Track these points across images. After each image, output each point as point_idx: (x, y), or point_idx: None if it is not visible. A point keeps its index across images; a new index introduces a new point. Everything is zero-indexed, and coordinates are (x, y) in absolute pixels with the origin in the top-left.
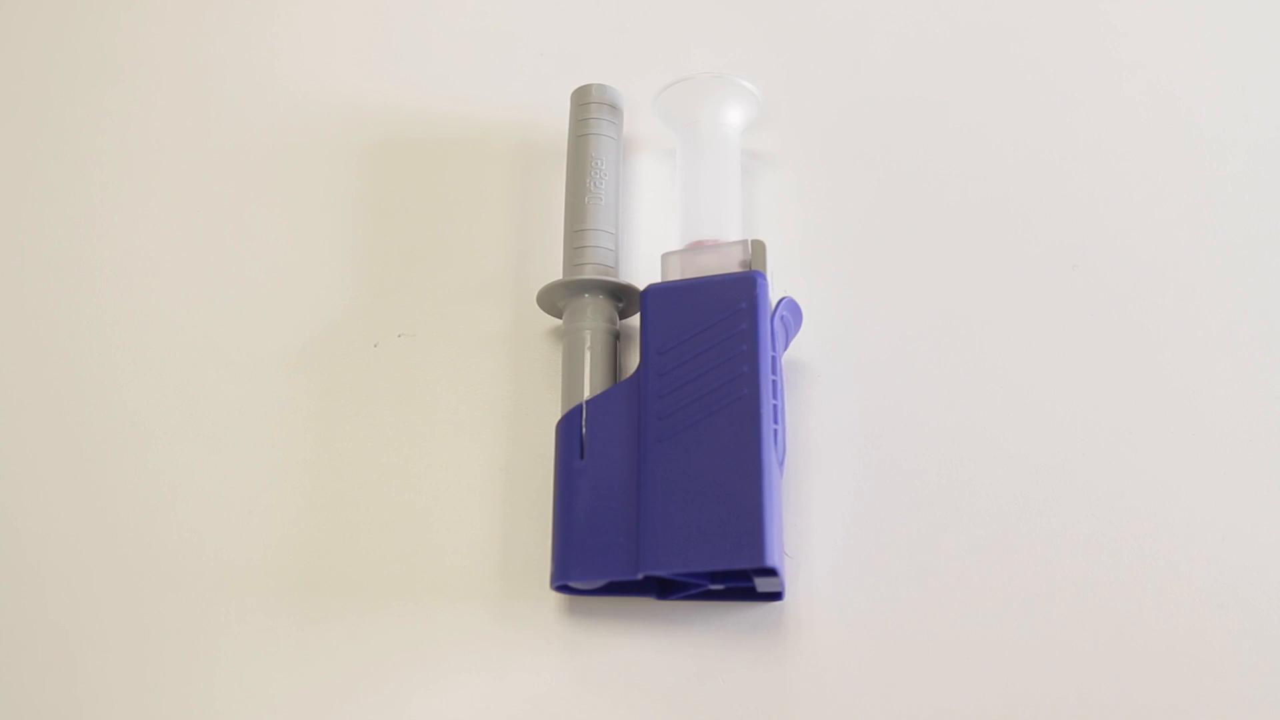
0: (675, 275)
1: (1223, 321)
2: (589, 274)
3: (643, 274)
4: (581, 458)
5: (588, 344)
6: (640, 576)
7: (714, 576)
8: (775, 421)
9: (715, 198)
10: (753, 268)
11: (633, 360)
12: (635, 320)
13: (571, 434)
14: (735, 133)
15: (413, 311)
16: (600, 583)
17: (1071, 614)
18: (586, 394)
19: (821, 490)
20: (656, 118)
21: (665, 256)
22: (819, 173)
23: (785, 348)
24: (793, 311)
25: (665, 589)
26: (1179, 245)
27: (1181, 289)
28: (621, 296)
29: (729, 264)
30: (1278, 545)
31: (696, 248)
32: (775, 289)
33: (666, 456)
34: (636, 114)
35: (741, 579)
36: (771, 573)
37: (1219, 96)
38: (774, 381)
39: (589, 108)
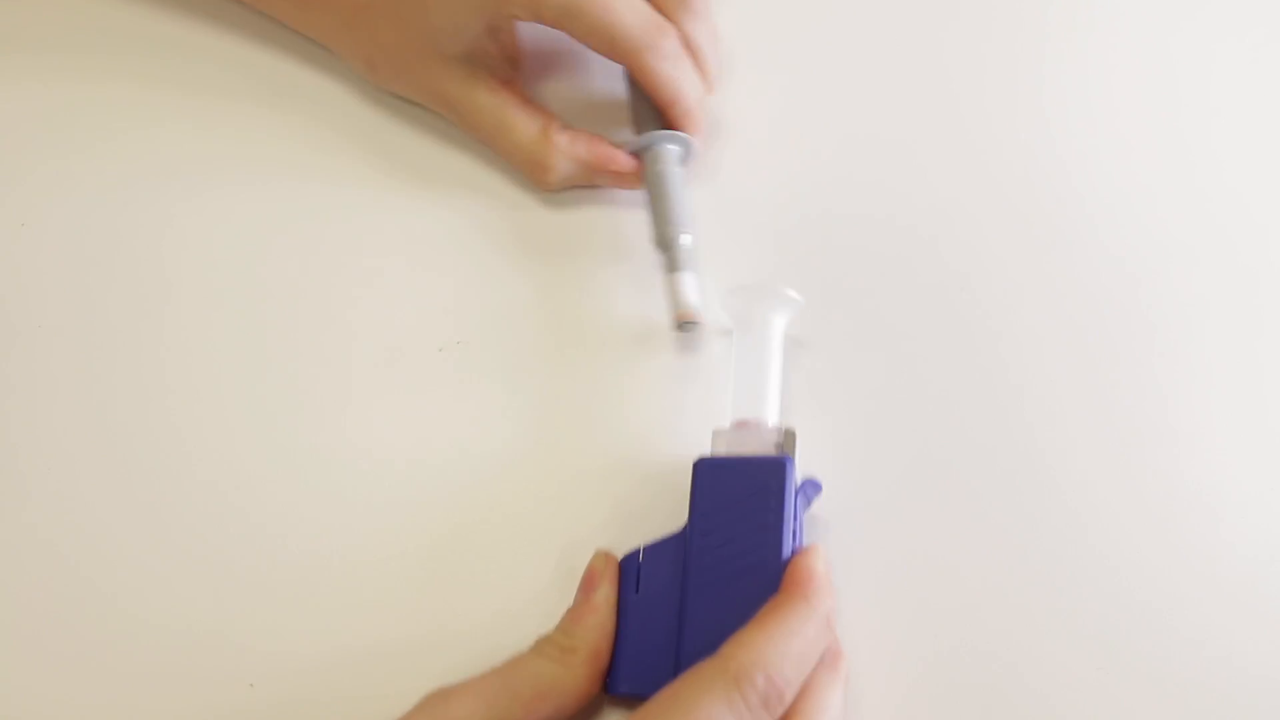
0: (722, 450)
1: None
2: None
3: (695, 442)
4: (637, 591)
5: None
6: None
7: None
8: None
9: (759, 385)
10: (784, 451)
11: None
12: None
13: (630, 570)
14: (780, 328)
15: None
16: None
17: None
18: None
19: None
20: (721, 310)
21: (715, 433)
22: (839, 357)
23: (806, 510)
24: (814, 487)
25: None
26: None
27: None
28: None
29: (766, 445)
30: None
31: (741, 427)
32: (801, 462)
33: (703, 605)
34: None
35: None
36: None
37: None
38: (794, 550)
39: None
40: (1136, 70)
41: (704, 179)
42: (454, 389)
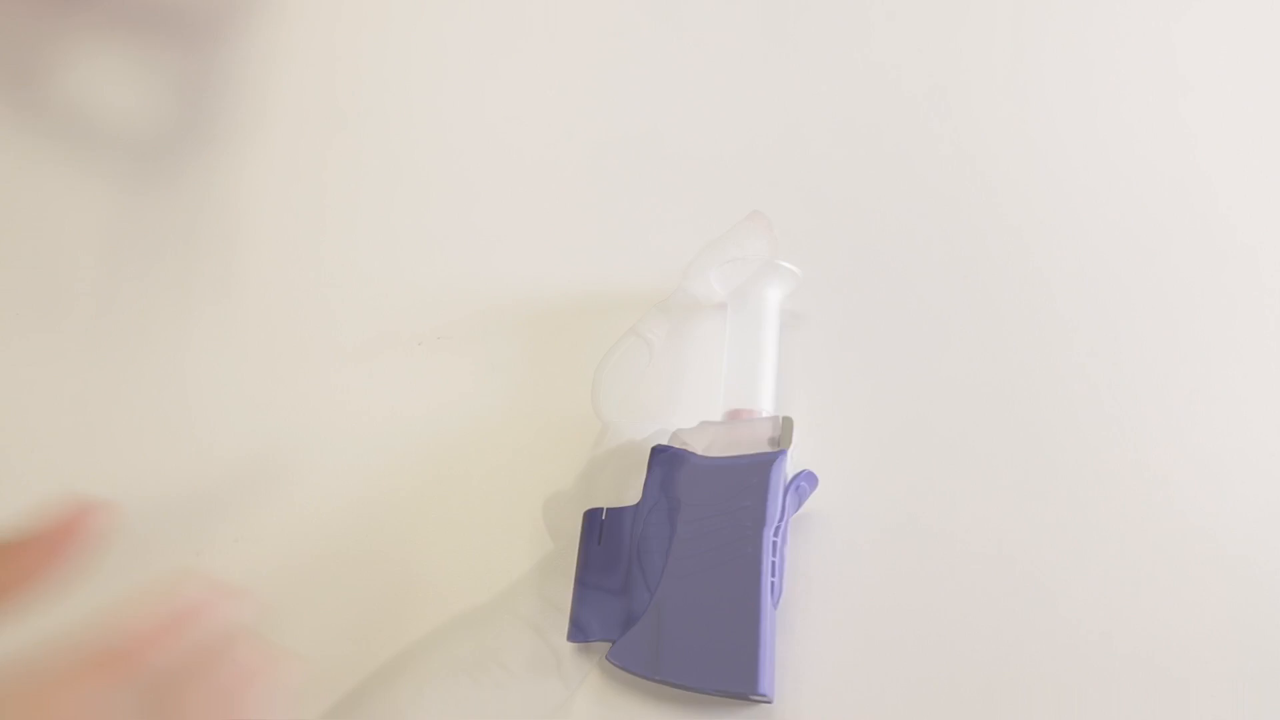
0: (715, 448)
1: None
2: None
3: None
4: (599, 543)
5: None
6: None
7: None
8: (773, 575)
9: (753, 371)
10: (780, 444)
11: None
12: None
13: (594, 523)
14: (776, 303)
15: None
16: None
17: None
18: None
19: (819, 615)
20: (714, 284)
21: (703, 425)
22: (839, 334)
23: (798, 509)
24: (809, 481)
25: None
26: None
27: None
28: None
29: (759, 440)
30: None
31: (734, 419)
32: (798, 454)
33: (685, 588)
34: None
35: None
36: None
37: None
38: (775, 543)
39: None
40: (1138, 61)
41: (705, 166)
42: (436, 374)
